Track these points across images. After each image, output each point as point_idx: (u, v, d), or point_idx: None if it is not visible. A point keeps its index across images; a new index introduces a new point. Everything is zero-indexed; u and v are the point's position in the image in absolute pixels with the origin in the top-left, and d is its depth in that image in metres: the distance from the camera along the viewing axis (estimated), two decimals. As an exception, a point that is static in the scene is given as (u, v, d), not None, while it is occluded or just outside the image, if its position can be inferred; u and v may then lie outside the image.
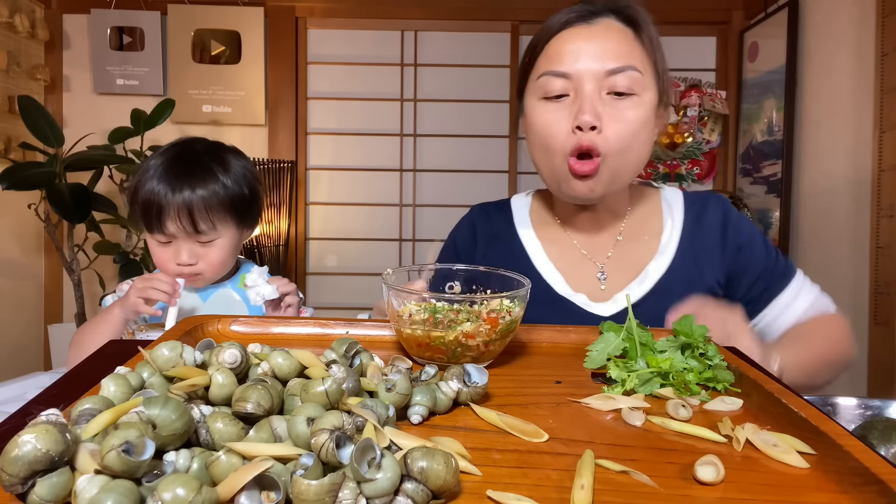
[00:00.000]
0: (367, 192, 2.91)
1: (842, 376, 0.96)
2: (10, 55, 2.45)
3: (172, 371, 0.47)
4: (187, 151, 1.15)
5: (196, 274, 1.13)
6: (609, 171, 0.88)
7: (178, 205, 1.08)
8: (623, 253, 0.99)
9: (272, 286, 1.12)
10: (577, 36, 0.88)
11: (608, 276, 0.98)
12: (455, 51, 2.88)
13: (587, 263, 1.00)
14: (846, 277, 2.05)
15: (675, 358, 0.62)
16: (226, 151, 1.18)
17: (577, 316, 0.94)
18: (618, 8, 0.90)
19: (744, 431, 0.48)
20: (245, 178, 1.16)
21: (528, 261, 1.01)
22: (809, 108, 2.29)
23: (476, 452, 0.45)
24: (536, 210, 1.08)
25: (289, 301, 1.15)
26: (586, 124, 0.85)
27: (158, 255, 1.13)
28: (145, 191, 1.09)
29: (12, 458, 0.33)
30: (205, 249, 1.13)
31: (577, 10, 0.90)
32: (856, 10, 2.04)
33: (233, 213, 1.14)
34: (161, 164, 1.12)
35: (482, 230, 1.08)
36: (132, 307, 1.06)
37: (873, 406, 0.89)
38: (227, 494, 0.33)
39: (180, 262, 1.11)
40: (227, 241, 1.14)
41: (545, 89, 0.89)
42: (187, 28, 2.74)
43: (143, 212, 1.10)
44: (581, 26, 0.89)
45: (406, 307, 0.65)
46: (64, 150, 2.35)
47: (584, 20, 0.89)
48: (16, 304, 2.62)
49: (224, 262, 1.16)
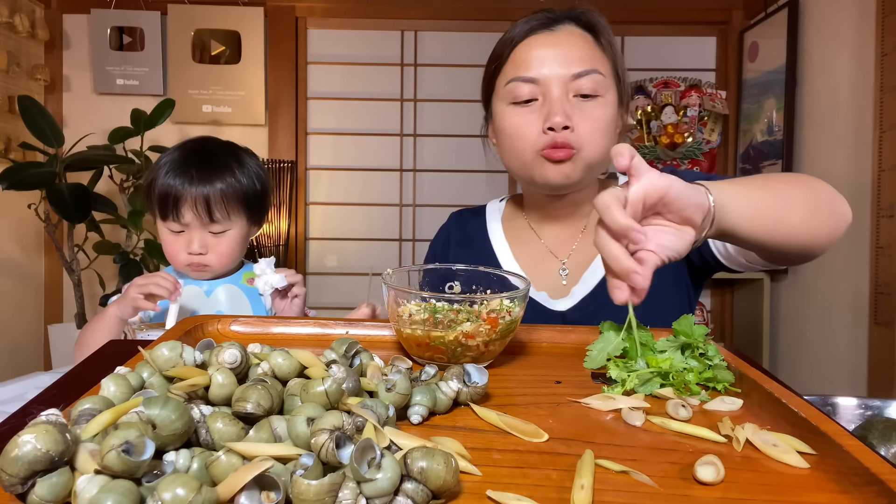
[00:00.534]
0: (367, 192, 2.91)
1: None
2: (10, 55, 2.45)
3: (172, 371, 0.47)
4: (205, 146, 1.21)
5: (204, 265, 1.16)
6: (583, 163, 0.92)
7: (196, 194, 1.12)
8: (584, 246, 1.02)
9: (280, 275, 1.15)
10: (541, 43, 0.93)
11: (569, 270, 1.01)
12: (455, 51, 2.88)
13: (551, 260, 1.03)
14: (846, 277, 2.05)
15: (675, 358, 0.62)
16: (240, 150, 1.24)
17: (537, 313, 0.97)
18: (576, 15, 0.95)
19: (744, 431, 0.48)
20: (258, 175, 1.22)
21: (496, 262, 1.05)
22: (809, 108, 2.29)
23: (476, 452, 0.45)
24: (508, 212, 1.13)
25: (296, 291, 1.18)
26: (558, 125, 0.88)
27: (170, 244, 1.17)
28: (165, 179, 1.13)
29: (12, 458, 0.33)
30: (216, 240, 1.17)
31: (538, 17, 0.95)
32: (856, 10, 2.04)
33: (245, 207, 1.19)
34: (180, 157, 1.16)
35: (455, 235, 1.14)
36: (131, 303, 1.08)
37: (873, 406, 0.89)
38: (227, 494, 0.33)
39: (191, 251, 1.14)
40: (237, 233, 1.19)
41: (514, 94, 0.93)
42: (187, 28, 2.74)
43: (161, 200, 1.14)
44: (545, 33, 0.93)
45: (406, 307, 0.65)
46: (64, 150, 2.35)
47: (546, 27, 0.94)
48: (16, 304, 2.62)
49: (232, 254, 1.19)
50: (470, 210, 1.17)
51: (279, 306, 1.19)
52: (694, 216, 0.61)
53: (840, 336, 2.07)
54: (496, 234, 1.09)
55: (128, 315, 1.10)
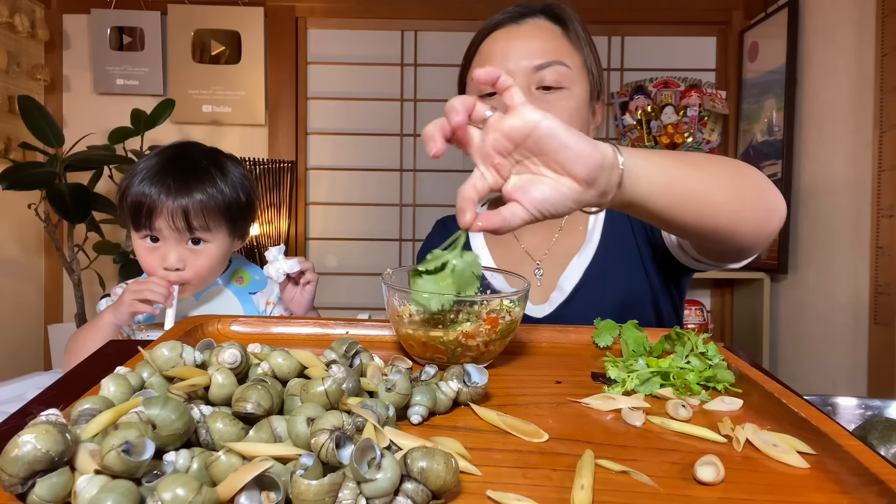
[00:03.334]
0: (367, 192, 2.90)
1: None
2: (10, 55, 2.45)
3: (172, 371, 0.47)
4: (184, 154, 1.13)
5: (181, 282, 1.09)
6: None
7: (173, 207, 1.05)
8: (558, 248, 1.02)
9: (294, 260, 1.12)
10: (506, 36, 0.93)
11: (544, 271, 1.01)
12: (455, 51, 2.87)
13: (527, 261, 1.03)
14: (846, 277, 2.05)
15: (674, 358, 0.62)
16: (223, 157, 1.17)
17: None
18: (546, 8, 0.95)
19: (744, 431, 0.48)
20: (242, 185, 1.15)
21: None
22: (809, 108, 2.28)
23: (476, 452, 0.45)
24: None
25: (308, 277, 1.15)
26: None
27: (144, 258, 1.10)
28: (139, 187, 1.06)
29: (12, 458, 0.33)
30: (194, 255, 1.10)
31: (508, 12, 0.95)
32: (856, 10, 2.04)
33: (228, 220, 1.12)
34: (157, 164, 1.09)
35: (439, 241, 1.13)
36: (128, 308, 1.05)
37: (873, 406, 0.89)
38: (227, 494, 0.33)
39: (167, 266, 1.07)
40: (217, 247, 1.12)
41: (478, 89, 0.93)
42: (187, 28, 2.74)
43: (134, 210, 1.07)
44: (511, 27, 0.93)
45: (406, 307, 0.65)
46: (64, 150, 2.35)
47: (513, 21, 0.94)
48: (16, 304, 2.62)
49: (211, 269, 1.13)
50: (452, 216, 1.18)
51: (290, 294, 1.16)
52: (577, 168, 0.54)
53: (840, 336, 2.07)
54: (476, 239, 1.09)
55: (124, 321, 1.07)
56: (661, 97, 2.79)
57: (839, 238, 2.10)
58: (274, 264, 1.11)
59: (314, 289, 1.17)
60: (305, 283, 1.15)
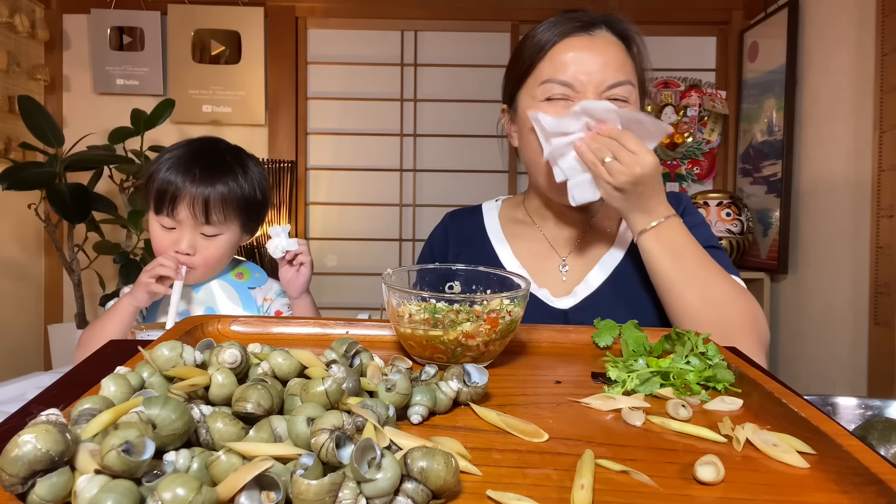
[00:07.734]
0: (367, 192, 2.91)
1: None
2: (10, 55, 2.45)
3: (172, 371, 0.47)
4: (212, 147, 1.20)
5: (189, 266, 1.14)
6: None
7: (195, 193, 1.11)
8: (587, 244, 1.03)
9: (294, 239, 1.16)
10: (579, 46, 0.93)
11: (570, 267, 1.02)
12: (455, 51, 2.88)
13: (553, 256, 1.04)
14: (846, 277, 2.05)
15: (674, 358, 0.62)
16: (246, 155, 1.24)
17: (538, 311, 0.98)
18: (611, 21, 0.96)
19: (744, 431, 0.48)
20: (260, 184, 1.22)
21: (496, 260, 1.05)
22: (809, 108, 2.28)
23: (476, 452, 0.45)
24: (506, 210, 1.13)
25: (302, 259, 1.18)
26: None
27: (158, 239, 1.15)
28: (166, 174, 1.12)
29: (12, 458, 0.33)
30: (206, 243, 1.15)
31: (575, 18, 0.96)
32: (856, 10, 2.04)
33: (243, 214, 1.18)
34: (186, 154, 1.15)
35: (454, 232, 1.14)
36: (144, 288, 1.10)
37: (873, 406, 0.89)
38: (227, 494, 0.33)
39: (179, 251, 1.13)
40: (228, 238, 1.17)
41: (548, 94, 0.93)
42: (187, 28, 2.74)
43: (158, 194, 1.12)
44: (582, 37, 0.94)
45: (406, 307, 0.65)
46: (64, 150, 2.35)
47: (584, 30, 0.94)
48: (16, 304, 2.62)
49: (220, 259, 1.18)
50: (466, 209, 1.18)
51: (286, 275, 1.19)
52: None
53: (840, 336, 2.07)
54: (494, 233, 1.09)
55: (143, 302, 1.12)
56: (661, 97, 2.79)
57: (839, 238, 2.10)
58: (275, 240, 1.15)
59: (309, 271, 1.20)
60: (299, 264, 1.18)
